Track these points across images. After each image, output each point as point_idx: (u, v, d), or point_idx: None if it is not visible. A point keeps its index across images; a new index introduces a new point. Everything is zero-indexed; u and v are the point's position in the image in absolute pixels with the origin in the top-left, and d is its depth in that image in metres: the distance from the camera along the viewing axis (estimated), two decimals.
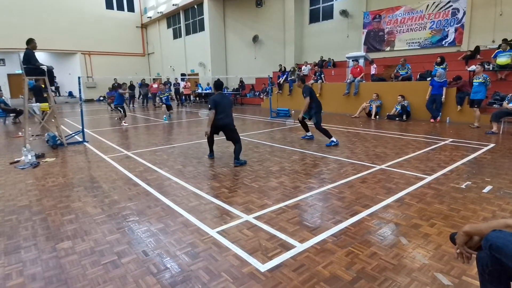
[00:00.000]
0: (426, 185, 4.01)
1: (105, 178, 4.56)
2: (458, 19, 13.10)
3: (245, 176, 4.56)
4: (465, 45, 12.93)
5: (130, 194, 3.89)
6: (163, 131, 9.23)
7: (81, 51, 25.39)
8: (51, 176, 4.74)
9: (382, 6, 15.53)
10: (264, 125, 10.07)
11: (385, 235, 2.75)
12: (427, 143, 6.62)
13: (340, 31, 17.37)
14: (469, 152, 5.68)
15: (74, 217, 3.26)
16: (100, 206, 3.50)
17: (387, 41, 15.66)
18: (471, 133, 7.69)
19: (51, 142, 6.85)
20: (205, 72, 21.74)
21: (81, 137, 7.51)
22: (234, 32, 21.21)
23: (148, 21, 27.53)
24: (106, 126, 10.66)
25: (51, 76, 6.77)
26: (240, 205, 3.47)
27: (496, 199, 3.52)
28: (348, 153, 5.87)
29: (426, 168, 4.75)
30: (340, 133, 8.05)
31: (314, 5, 18.84)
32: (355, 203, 3.46)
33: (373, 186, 4.00)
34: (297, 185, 4.11)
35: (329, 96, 13.19)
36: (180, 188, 4.08)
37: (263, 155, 5.83)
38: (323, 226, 2.93)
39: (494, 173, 4.44)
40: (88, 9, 25.23)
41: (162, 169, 4.97)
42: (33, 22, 22.34)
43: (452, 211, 3.21)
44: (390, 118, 10.43)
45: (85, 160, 5.78)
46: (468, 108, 9.07)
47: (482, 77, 8.22)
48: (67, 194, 3.95)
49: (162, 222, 3.08)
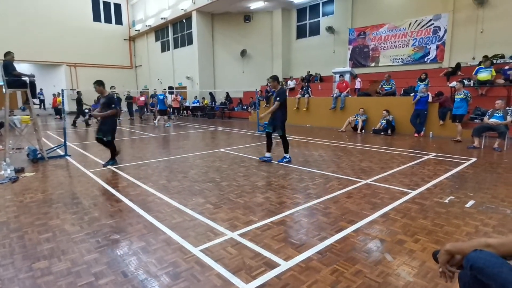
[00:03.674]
0: (411, 199, 4.04)
1: (86, 194, 4.42)
2: (439, 37, 13.62)
3: (231, 191, 4.50)
4: (446, 61, 13.42)
5: (112, 210, 3.78)
6: (149, 145, 9.10)
7: (66, 63, 25.10)
8: (30, 192, 4.56)
9: (366, 23, 16.04)
10: (251, 139, 10.07)
11: (370, 251, 2.73)
12: (411, 157, 6.72)
13: (327, 46, 17.79)
14: (452, 167, 5.79)
15: (52, 235, 3.13)
16: (79, 224, 3.37)
17: (372, 57, 16.10)
18: (453, 147, 7.87)
19: (31, 156, 6.64)
20: (192, 85, 21.76)
21: (63, 150, 7.32)
22: (222, 46, 21.42)
23: (136, 34, 27.54)
24: (90, 139, 10.44)
25: (33, 88, 6.62)
26: (225, 221, 3.41)
27: (479, 214, 3.57)
28: (334, 167, 5.89)
29: (411, 182, 4.80)
30: (327, 147, 8.11)
31: (301, 21, 19.31)
32: (340, 218, 3.45)
33: (358, 201, 4.00)
34: (283, 200, 4.08)
35: (316, 110, 13.35)
36: (163, 204, 3.99)
37: (250, 170, 5.79)
38: (309, 242, 2.90)
39: (476, 188, 4.52)
40: (74, 20, 25.05)
41: (146, 184, 4.87)
42: (18, 32, 22.03)
43: (436, 226, 3.23)
44: (375, 132, 10.60)
45: (66, 175, 5.61)
46: (450, 122, 9.31)
47: (463, 93, 8.49)
48: (45, 210, 3.80)
49: (143, 240, 2.98)
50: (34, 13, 23.03)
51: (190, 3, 20.30)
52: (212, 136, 11.09)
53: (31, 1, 22.91)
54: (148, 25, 25.31)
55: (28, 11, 22.80)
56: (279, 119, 6.12)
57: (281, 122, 6.13)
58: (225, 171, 5.68)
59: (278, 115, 6.12)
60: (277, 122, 6.14)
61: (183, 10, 20.88)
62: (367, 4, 16.02)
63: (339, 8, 17.12)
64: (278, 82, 6.24)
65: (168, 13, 22.86)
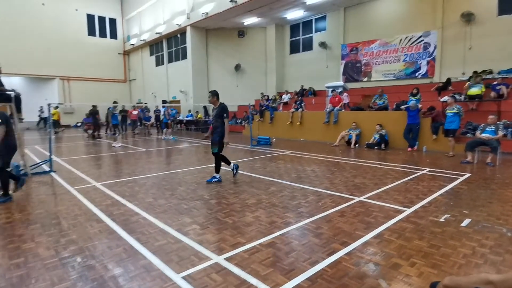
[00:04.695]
0: (405, 218, 3.90)
1: (66, 214, 4.20)
2: (429, 52, 13.81)
3: (219, 210, 4.32)
4: (437, 77, 13.57)
5: (91, 232, 3.56)
6: (138, 160, 8.89)
7: (59, 77, 24.96)
8: (7, 211, 4.33)
9: (358, 39, 16.26)
10: (244, 153, 9.92)
11: (364, 277, 2.56)
12: (405, 172, 6.62)
13: (320, 61, 17.96)
14: (446, 183, 5.69)
15: (23, 260, 2.91)
16: (54, 248, 3.16)
17: (364, 72, 16.25)
18: (447, 162, 7.81)
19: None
20: (186, 99, 21.72)
21: (49, 166, 7.09)
22: (216, 60, 21.52)
23: (130, 48, 27.64)
24: (78, 154, 10.21)
25: (18, 103, 6.43)
26: (211, 243, 3.22)
27: (475, 233, 3.43)
28: (327, 183, 5.75)
29: (405, 200, 4.67)
30: (320, 162, 7.99)
31: (294, 36, 19.54)
32: (332, 240, 3.28)
33: (351, 220, 3.85)
34: (273, 220, 3.90)
35: (310, 125, 13.31)
36: (147, 224, 3.79)
37: (240, 187, 5.62)
38: (299, 267, 2.72)
39: (471, 205, 4.40)
40: (69, 34, 25.13)
41: (131, 203, 4.66)
42: (8, 45, 21.87)
43: (432, 248, 3.08)
44: (369, 147, 10.54)
45: (48, 193, 5.38)
46: (443, 137, 9.29)
47: (455, 107, 8.49)
48: (21, 232, 3.58)
49: (121, 266, 2.78)
50: (28, 26, 23.02)
51: (185, 19, 20.48)
52: (204, 150, 10.93)
53: (25, 15, 22.92)
54: (143, 40, 25.44)
55: (22, 24, 22.78)
56: (219, 135, 5.83)
57: (221, 137, 5.82)
58: (214, 188, 5.50)
59: (218, 131, 5.84)
60: (216, 138, 5.86)
61: (178, 25, 21.04)
62: (358, 20, 16.28)
63: (332, 24, 17.38)
64: (217, 98, 5.99)
65: (163, 28, 23.03)
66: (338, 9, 16.75)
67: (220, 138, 5.84)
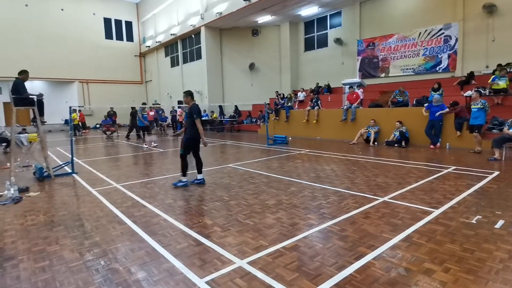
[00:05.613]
0: (434, 220, 3.72)
1: (89, 215, 4.24)
2: (450, 45, 13.32)
3: (239, 211, 4.26)
4: (459, 70, 13.07)
5: (114, 234, 3.57)
6: (156, 161, 8.96)
7: (79, 80, 25.62)
8: (32, 213, 4.41)
9: (375, 34, 15.87)
10: (260, 153, 9.84)
11: (395, 284, 2.44)
12: (429, 171, 6.38)
13: (335, 58, 17.65)
14: (474, 181, 5.43)
15: (48, 264, 2.93)
16: (78, 250, 3.18)
17: (381, 67, 15.85)
18: (473, 159, 7.49)
19: (37, 174, 6.56)
20: (201, 99, 21.82)
21: (70, 168, 7.23)
22: (230, 60, 21.52)
23: (146, 50, 28.05)
24: (98, 156, 10.39)
25: (40, 106, 6.58)
26: (233, 246, 3.16)
27: (510, 235, 3.24)
28: (348, 183, 5.60)
29: (432, 200, 4.48)
30: (339, 161, 7.82)
31: (308, 33, 19.28)
32: (359, 243, 3.16)
33: (377, 222, 3.71)
34: (295, 221, 3.81)
35: (326, 123, 13.10)
36: (168, 226, 3.77)
37: (259, 187, 5.54)
38: (325, 272, 2.62)
39: (503, 205, 4.17)
40: (87, 39, 25.77)
41: (151, 204, 4.67)
42: (31, 50, 22.71)
43: (466, 252, 2.92)
44: (388, 144, 10.26)
45: (71, 194, 5.46)
46: (467, 133, 8.92)
47: (480, 102, 8.14)
48: (45, 235, 3.63)
49: (144, 269, 2.75)
50: (49, 32, 23.80)
51: (199, 19, 20.56)
52: (221, 150, 10.92)
53: (47, 21, 23.73)
54: (158, 41, 25.74)
55: (44, 30, 23.60)
56: (188, 135, 5.59)
57: (190, 139, 5.59)
58: (233, 189, 5.45)
59: (188, 132, 5.61)
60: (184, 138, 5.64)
61: (192, 26, 21.16)
62: (374, 15, 15.89)
63: (347, 20, 17.04)
64: (192, 97, 5.74)
65: (178, 29, 23.22)
66: (353, 4, 16.39)
67: (187, 140, 5.59)
